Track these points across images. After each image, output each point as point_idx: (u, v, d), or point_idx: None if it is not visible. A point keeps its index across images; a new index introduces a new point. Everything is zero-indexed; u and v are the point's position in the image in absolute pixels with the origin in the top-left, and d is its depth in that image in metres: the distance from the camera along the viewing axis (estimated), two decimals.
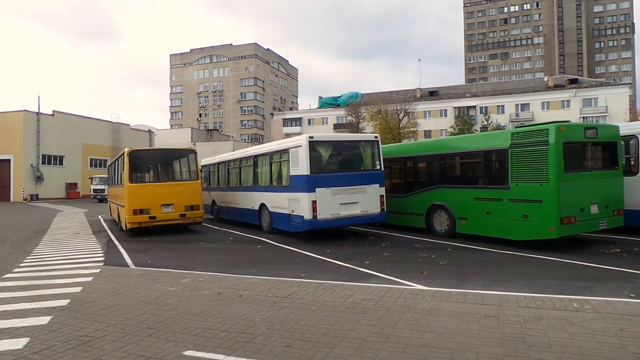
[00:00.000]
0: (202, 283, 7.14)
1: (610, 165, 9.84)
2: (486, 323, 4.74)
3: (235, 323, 5.03)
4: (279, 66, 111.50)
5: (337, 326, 4.81)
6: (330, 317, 5.15)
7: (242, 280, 7.19)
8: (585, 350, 3.96)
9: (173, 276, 7.77)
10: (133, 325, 5.08)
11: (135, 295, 6.53)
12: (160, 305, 5.88)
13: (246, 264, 8.94)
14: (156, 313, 5.54)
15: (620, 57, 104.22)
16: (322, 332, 4.63)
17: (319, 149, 11.45)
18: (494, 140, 10.37)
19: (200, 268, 8.57)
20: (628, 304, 5.29)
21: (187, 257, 10.10)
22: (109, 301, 6.21)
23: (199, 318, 5.28)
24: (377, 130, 48.17)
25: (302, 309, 5.51)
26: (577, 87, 58.78)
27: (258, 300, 5.96)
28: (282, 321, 5.04)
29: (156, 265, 8.97)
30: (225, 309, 5.63)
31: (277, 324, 4.94)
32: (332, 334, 4.58)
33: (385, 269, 7.94)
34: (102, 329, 5.02)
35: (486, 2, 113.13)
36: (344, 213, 11.33)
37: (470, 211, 10.66)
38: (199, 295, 6.35)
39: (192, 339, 4.59)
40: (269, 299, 6.00)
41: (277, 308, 5.57)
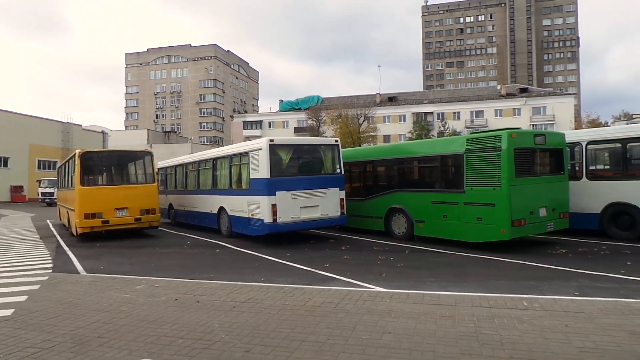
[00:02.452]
0: (158, 289, 6.93)
1: (557, 171, 10.36)
2: (442, 323, 4.87)
3: (193, 329, 4.92)
4: (239, 68, 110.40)
5: (296, 330, 4.80)
6: (290, 320, 5.12)
7: (200, 286, 7.04)
8: (534, 347, 4.14)
9: (127, 282, 7.51)
10: (84, 335, 4.87)
11: (86, 303, 6.25)
12: (113, 313, 5.66)
13: (204, 269, 8.77)
14: (109, 321, 5.33)
15: (566, 69, 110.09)
16: (282, 336, 4.60)
17: (279, 153, 11.41)
18: (450, 145, 10.69)
19: (156, 273, 8.32)
20: (573, 302, 5.58)
21: (142, 263, 9.79)
22: (58, 310, 5.92)
23: (154, 325, 5.12)
24: (337, 134, 48.63)
25: (262, 313, 5.46)
26: (527, 96, 61.70)
27: (216, 306, 5.85)
28: (241, 326, 4.97)
29: (109, 272, 8.63)
30: (182, 315, 5.49)
31: (236, 329, 4.87)
32: (292, 337, 4.56)
33: (345, 271, 7.99)
34: (50, 339, 4.77)
35: (443, 12, 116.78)
36: (304, 216, 11.33)
37: (427, 214, 10.93)
38: (154, 302, 6.16)
39: (148, 347, 4.45)
40: (227, 304, 5.90)
41: (236, 313, 5.49)
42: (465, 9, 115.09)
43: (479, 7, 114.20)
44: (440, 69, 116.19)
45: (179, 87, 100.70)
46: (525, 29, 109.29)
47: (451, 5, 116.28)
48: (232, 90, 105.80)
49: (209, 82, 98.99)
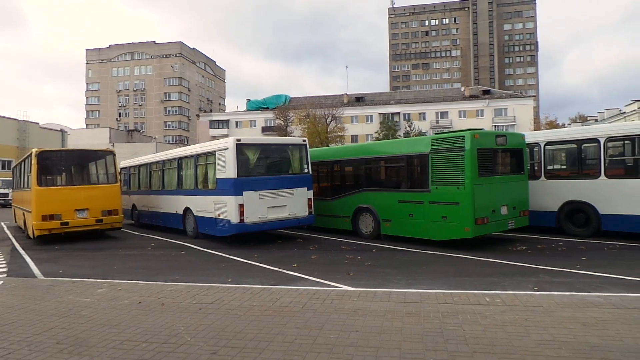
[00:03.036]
0: (120, 292, 6.73)
1: (517, 170, 10.72)
2: (408, 320, 4.95)
3: (157, 333, 4.80)
4: (205, 66, 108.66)
5: (264, 330, 4.77)
6: (257, 321, 5.09)
7: (165, 288, 6.88)
8: (495, 341, 4.26)
9: (88, 286, 7.26)
10: (41, 342, 4.67)
11: (44, 308, 6.00)
12: (73, 318, 5.46)
13: (169, 271, 8.59)
14: (68, 327, 5.14)
15: (526, 72, 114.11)
16: (249, 338, 4.56)
17: (246, 152, 11.30)
18: (415, 145, 10.88)
19: (119, 276, 8.08)
20: (532, 296, 5.79)
21: (104, 266, 9.48)
22: (13, 316, 5.65)
23: (116, 330, 4.97)
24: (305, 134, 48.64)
25: (229, 314, 5.39)
26: (489, 98, 63.62)
27: (182, 308, 5.74)
28: (207, 328, 4.90)
29: (68, 275, 8.32)
30: (146, 318, 5.35)
31: (202, 332, 4.79)
32: (259, 338, 4.53)
33: (312, 271, 8.01)
34: (4, 347, 4.55)
35: (409, 15, 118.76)
36: (271, 216, 11.27)
37: (394, 213, 11.08)
38: (117, 306, 5.98)
39: (110, 352, 4.31)
40: (193, 306, 5.80)
41: (202, 315, 5.40)
42: (431, 12, 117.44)
43: (444, 10, 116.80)
44: (407, 71, 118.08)
45: (142, 85, 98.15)
46: (488, 33, 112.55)
47: (417, 8, 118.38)
48: (198, 89, 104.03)
49: (174, 80, 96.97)
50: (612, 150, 10.92)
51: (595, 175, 10.63)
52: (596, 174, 10.61)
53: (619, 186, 10.20)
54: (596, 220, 10.56)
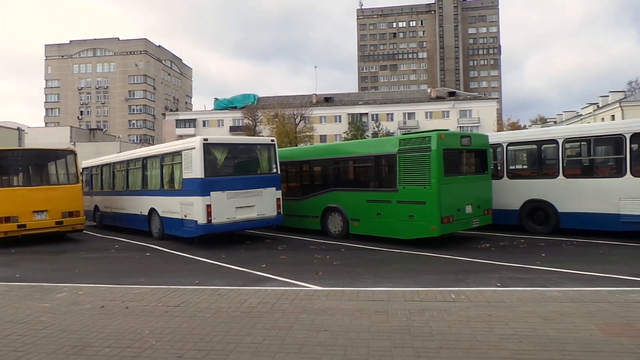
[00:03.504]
0: (82, 296, 6.51)
1: (481, 170, 11.02)
2: (376, 318, 5.00)
3: (121, 337, 4.67)
4: (171, 64, 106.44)
5: (232, 332, 4.71)
6: (225, 323, 5.02)
7: (129, 291, 6.70)
8: (460, 336, 4.37)
9: (47, 291, 6.98)
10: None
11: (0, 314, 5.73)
12: (31, 324, 5.24)
13: (134, 273, 8.37)
14: (26, 333, 4.92)
15: (489, 75, 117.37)
16: (217, 340, 4.50)
17: (213, 152, 11.15)
18: (383, 146, 11.01)
19: (80, 280, 7.81)
20: (495, 292, 5.96)
21: (64, 269, 9.14)
22: None
23: (78, 335, 4.80)
24: (274, 133, 48.39)
25: (196, 317, 5.30)
26: (455, 100, 65.15)
27: (147, 311, 5.60)
28: (173, 331, 4.80)
29: (26, 280, 7.97)
30: (109, 323, 5.20)
31: (167, 335, 4.69)
32: (227, 340, 4.48)
33: (281, 271, 7.98)
34: None
35: (377, 17, 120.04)
36: (239, 217, 11.16)
37: (362, 213, 11.18)
38: (78, 310, 5.78)
39: (70, 358, 4.16)
40: (159, 309, 5.67)
41: (168, 318, 5.29)
42: (398, 14, 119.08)
43: (411, 13, 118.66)
44: (375, 72, 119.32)
45: (105, 83, 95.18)
46: (453, 36, 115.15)
47: (384, 10, 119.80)
48: (163, 87, 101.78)
49: (139, 78, 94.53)
50: (570, 151, 11.39)
51: (554, 175, 11.04)
52: (555, 174, 11.03)
53: (576, 185, 10.64)
54: (555, 218, 10.98)
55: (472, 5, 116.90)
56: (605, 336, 4.25)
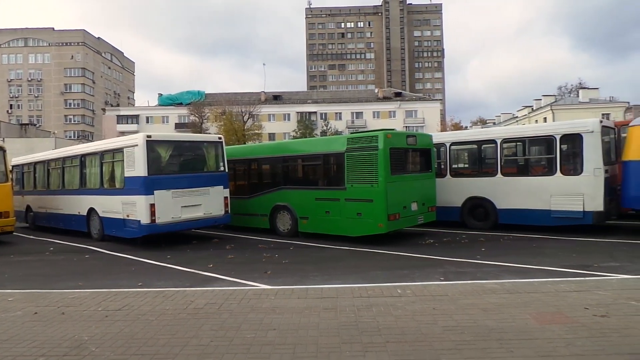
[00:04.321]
0: (12, 303, 6.07)
1: (426, 169, 11.39)
2: (325, 315, 5.04)
3: (57, 345, 4.40)
4: (112, 57, 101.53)
5: (178, 335, 4.57)
6: (170, 326, 4.87)
7: (66, 296, 6.33)
8: (406, 330, 4.49)
9: None
10: None
11: None
12: None
13: (71, 277, 7.92)
14: None
15: (433, 77, 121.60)
16: (161, 343, 4.35)
17: (157, 149, 10.77)
18: (332, 144, 11.13)
19: (11, 285, 7.29)
20: (439, 286, 6.19)
21: None
22: None
23: (8, 344, 4.47)
24: (221, 131, 47.50)
25: (139, 320, 5.10)
26: (401, 100, 66.95)
27: (85, 316, 5.31)
28: (114, 336, 4.58)
29: None
30: (43, 330, 4.88)
31: (108, 340, 4.47)
32: (173, 343, 4.34)
33: (229, 271, 7.85)
34: None
35: (326, 16, 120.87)
36: (185, 216, 10.87)
37: (311, 211, 11.22)
38: (8, 318, 5.38)
39: None
40: (98, 314, 5.40)
41: (109, 322, 5.05)
42: (346, 15, 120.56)
43: (359, 14, 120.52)
44: (323, 71, 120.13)
45: (38, 75, 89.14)
46: (399, 38, 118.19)
47: (333, 10, 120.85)
48: (103, 81, 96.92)
49: (76, 71, 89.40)
50: (507, 151, 12.03)
51: (493, 173, 11.61)
52: (494, 172, 11.60)
53: (513, 183, 11.26)
54: (494, 214, 11.56)
55: (417, 9, 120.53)
56: (538, 324, 4.53)
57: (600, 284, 6.02)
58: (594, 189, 9.92)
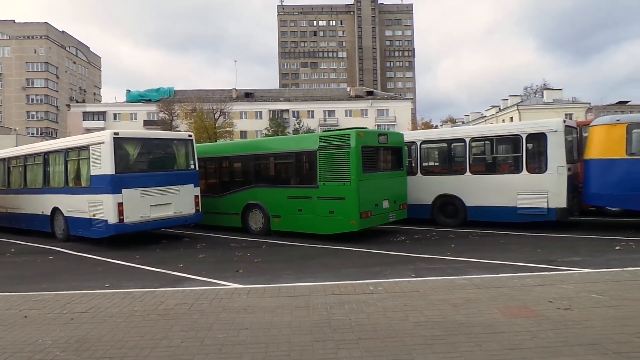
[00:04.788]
0: None
1: (397, 167, 11.53)
2: (297, 313, 5.03)
3: (19, 350, 4.23)
4: (77, 52, 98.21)
5: (147, 337, 4.48)
6: (139, 327, 4.76)
7: (28, 299, 6.10)
8: (378, 326, 4.54)
9: None
10: None
11: None
12: None
13: (34, 279, 7.64)
14: None
15: (404, 76, 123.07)
16: (130, 345, 4.25)
17: (125, 147, 10.51)
18: (304, 142, 11.11)
19: None
20: (410, 283, 6.27)
21: None
22: None
23: None
24: (191, 129, 46.77)
25: (106, 322, 4.96)
26: (373, 99, 67.51)
27: (49, 320, 5.13)
28: (80, 340, 4.45)
29: None
30: (4, 335, 4.69)
31: (74, 344, 4.34)
32: (142, 345, 4.24)
33: (200, 270, 7.75)
34: None
35: (298, 14, 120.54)
36: (155, 215, 10.65)
37: (283, 209, 11.19)
38: None
39: None
40: (63, 317, 5.23)
41: (75, 325, 4.89)
42: (319, 13, 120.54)
43: (331, 12, 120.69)
44: (296, 69, 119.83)
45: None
46: (371, 37, 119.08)
47: (305, 8, 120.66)
48: (68, 76, 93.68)
49: (39, 66, 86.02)
50: (475, 150, 12.31)
51: (462, 171, 11.86)
52: (463, 171, 11.86)
53: (481, 181, 11.53)
54: (463, 211, 11.81)
55: (388, 9, 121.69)
56: (505, 318, 4.66)
57: (564, 278, 6.24)
58: (558, 186, 10.27)
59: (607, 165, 10.02)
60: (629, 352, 3.74)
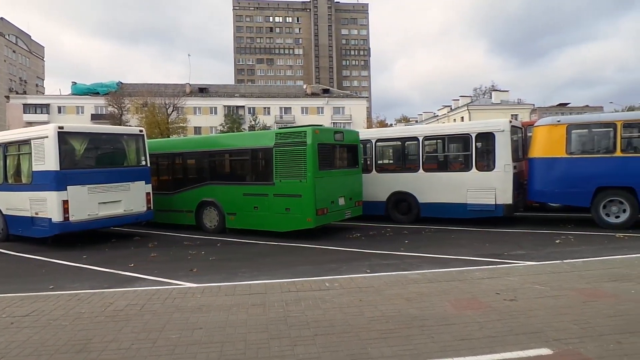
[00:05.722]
0: None
1: (353, 164, 11.66)
2: (253, 311, 4.99)
3: None
4: (17, 40, 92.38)
5: (95, 339, 4.29)
6: (86, 330, 4.56)
7: None
8: (334, 322, 4.58)
9: None
10: None
11: None
12: None
13: None
14: None
15: (360, 75, 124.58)
16: (76, 349, 4.06)
17: (71, 142, 10.02)
18: (260, 139, 11.01)
19: None
20: (365, 278, 6.37)
21: None
22: None
23: None
24: (143, 124, 45.20)
25: (50, 326, 4.72)
26: (329, 97, 67.86)
27: None
28: (21, 345, 4.20)
29: None
30: None
31: (14, 350, 4.09)
32: (89, 349, 4.07)
33: (152, 270, 7.52)
34: None
35: (254, 9, 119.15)
36: (103, 213, 10.23)
37: (239, 207, 11.06)
38: None
39: None
40: (3, 321, 4.92)
41: (15, 330, 4.62)
42: (275, 9, 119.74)
43: (287, 9, 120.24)
44: (251, 65, 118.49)
45: None
46: (327, 36, 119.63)
47: (261, 3, 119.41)
48: (7, 66, 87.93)
49: None
50: (428, 148, 12.66)
51: (416, 169, 12.17)
52: (416, 168, 12.16)
53: (433, 179, 11.88)
54: (416, 208, 12.12)
55: (344, 8, 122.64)
56: (456, 311, 4.83)
57: (510, 271, 6.55)
58: (504, 183, 10.75)
59: (549, 164, 10.60)
60: (567, 338, 3.98)
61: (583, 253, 7.73)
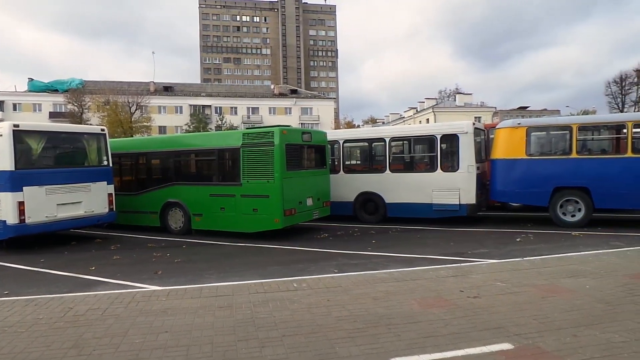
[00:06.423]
0: None
1: (321, 165, 11.70)
2: (220, 314, 4.92)
3: None
4: None
5: (53, 346, 4.13)
6: (45, 337, 4.38)
7: None
8: (302, 322, 4.58)
9: None
10: None
11: None
12: None
13: None
14: None
15: (328, 76, 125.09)
16: (33, 357, 3.89)
17: (27, 140, 9.60)
18: (227, 139, 10.88)
19: None
20: (333, 279, 6.40)
21: None
22: None
23: None
24: (105, 122, 43.88)
25: (5, 333, 4.50)
26: (297, 97, 67.85)
27: None
28: None
29: None
30: None
31: None
32: (47, 356, 3.91)
33: (114, 273, 7.31)
34: None
35: (220, 7, 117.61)
36: (62, 215, 9.86)
37: (205, 207, 10.89)
38: None
39: None
40: None
41: None
42: (242, 8, 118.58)
43: (254, 8, 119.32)
44: (218, 64, 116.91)
45: None
46: (295, 36, 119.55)
47: (228, 2, 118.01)
48: None
49: None
50: (395, 149, 12.85)
51: (382, 170, 12.33)
52: (383, 169, 12.32)
53: (399, 179, 12.07)
54: (383, 208, 12.28)
55: (312, 9, 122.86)
56: (422, 309, 4.92)
57: (473, 269, 6.73)
58: (468, 184, 11.04)
59: (510, 165, 10.97)
60: (527, 333, 4.13)
61: (542, 251, 8.03)
